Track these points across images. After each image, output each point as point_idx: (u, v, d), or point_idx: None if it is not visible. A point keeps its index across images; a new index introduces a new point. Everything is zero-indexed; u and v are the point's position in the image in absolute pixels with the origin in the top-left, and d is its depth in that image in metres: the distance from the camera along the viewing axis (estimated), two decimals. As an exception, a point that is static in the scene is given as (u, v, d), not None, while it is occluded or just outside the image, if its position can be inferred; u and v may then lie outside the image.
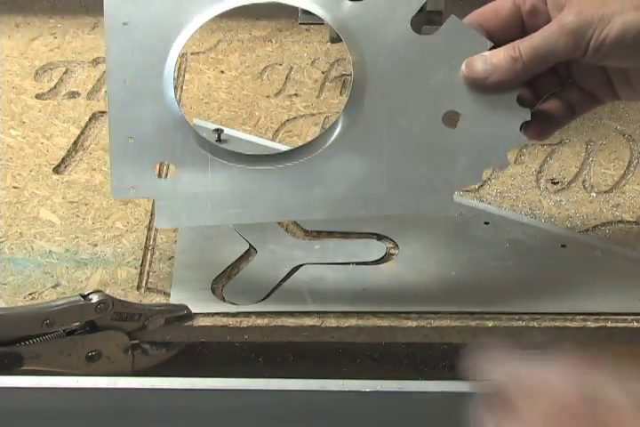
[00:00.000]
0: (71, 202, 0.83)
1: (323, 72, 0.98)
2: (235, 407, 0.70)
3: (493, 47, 0.67)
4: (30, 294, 0.74)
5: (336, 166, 0.70)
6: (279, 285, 0.74)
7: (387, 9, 0.67)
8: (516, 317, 0.72)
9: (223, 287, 0.74)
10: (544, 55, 0.65)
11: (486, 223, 0.80)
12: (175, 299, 0.73)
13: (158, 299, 0.74)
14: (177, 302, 0.72)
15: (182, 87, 0.96)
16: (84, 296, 0.68)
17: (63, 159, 0.87)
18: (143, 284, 0.75)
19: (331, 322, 0.72)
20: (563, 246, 0.78)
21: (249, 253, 0.77)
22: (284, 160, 0.71)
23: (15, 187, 0.84)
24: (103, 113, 0.92)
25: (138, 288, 0.75)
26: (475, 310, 0.72)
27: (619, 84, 0.69)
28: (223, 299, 0.73)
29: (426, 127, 0.69)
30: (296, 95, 0.95)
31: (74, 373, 0.69)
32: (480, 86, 0.67)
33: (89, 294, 0.68)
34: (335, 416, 0.70)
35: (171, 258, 0.77)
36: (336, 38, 1.01)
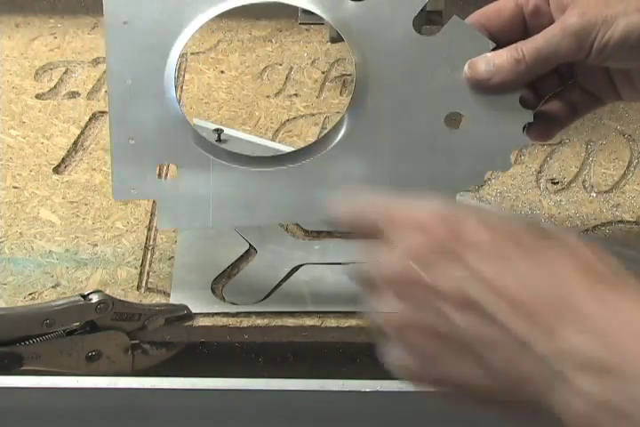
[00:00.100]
0: (71, 202, 0.83)
1: (323, 72, 0.98)
2: (235, 407, 0.70)
3: (496, 48, 0.67)
4: (30, 294, 0.74)
5: (338, 168, 0.70)
6: (279, 285, 0.74)
7: (388, 9, 0.67)
8: (516, 317, 0.72)
9: (223, 287, 0.74)
10: (547, 57, 0.65)
11: (486, 223, 0.80)
12: (175, 299, 0.73)
13: (158, 299, 0.74)
14: (177, 302, 0.72)
15: (182, 87, 0.95)
16: (84, 296, 0.68)
17: (63, 159, 0.87)
18: (143, 284, 0.75)
19: (331, 322, 0.72)
20: (563, 246, 0.78)
21: (249, 253, 0.77)
22: (286, 162, 0.70)
23: (15, 187, 0.84)
24: (103, 113, 0.92)
25: (138, 288, 0.75)
26: (475, 310, 0.72)
27: (621, 84, 0.69)
28: (223, 299, 0.73)
29: (428, 128, 0.69)
30: (296, 95, 0.95)
31: (74, 373, 0.69)
32: (482, 87, 0.67)
33: (89, 294, 0.68)
34: (335, 416, 0.70)
35: (171, 258, 0.77)
36: (336, 38, 1.01)
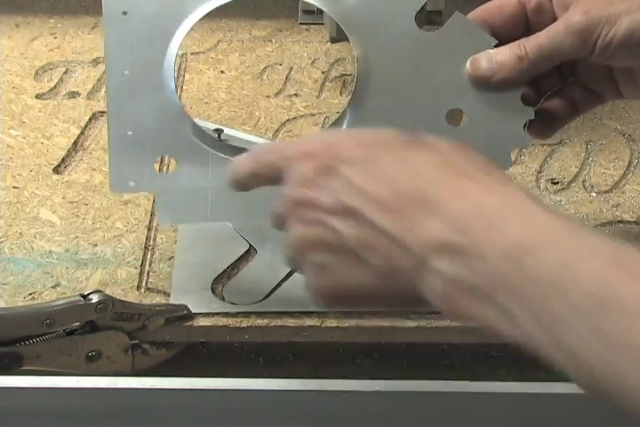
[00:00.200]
0: (71, 202, 0.83)
1: (323, 72, 0.98)
2: (235, 407, 0.70)
3: (497, 45, 0.67)
4: (30, 294, 0.74)
5: None
6: (279, 285, 0.74)
7: (390, 3, 0.67)
8: (516, 317, 0.72)
9: (223, 287, 0.74)
10: (550, 54, 0.65)
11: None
12: (175, 299, 0.73)
13: (158, 299, 0.73)
14: (177, 302, 0.72)
15: (182, 87, 0.95)
16: (84, 296, 0.68)
17: (63, 159, 0.87)
18: (143, 284, 0.75)
19: (331, 322, 0.72)
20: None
21: (249, 253, 0.77)
22: None
23: (15, 187, 0.84)
24: (103, 113, 0.92)
25: (138, 288, 0.75)
26: (475, 310, 0.72)
27: (623, 82, 0.69)
28: (223, 299, 0.73)
29: (429, 125, 0.68)
30: (296, 95, 0.95)
31: (74, 373, 0.69)
32: (484, 84, 0.67)
33: (89, 294, 0.68)
34: (335, 416, 0.70)
35: (171, 258, 0.77)
36: (336, 38, 1.02)
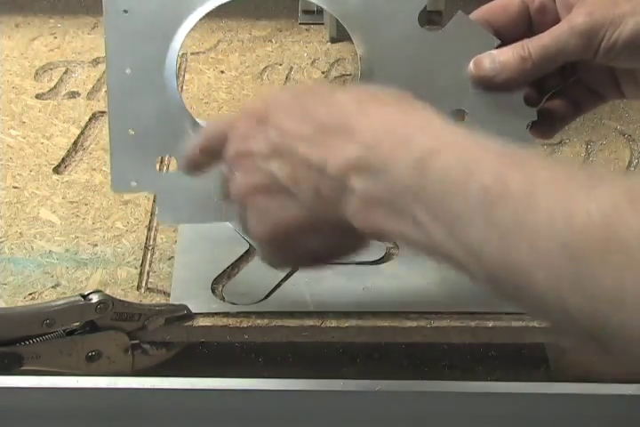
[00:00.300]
0: (71, 202, 0.83)
1: (323, 72, 0.98)
2: (235, 407, 0.70)
3: (500, 45, 0.67)
4: (30, 294, 0.74)
5: None
6: (279, 285, 0.74)
7: (394, 3, 0.67)
8: (516, 317, 0.72)
9: (223, 287, 0.74)
10: (554, 55, 0.65)
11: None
12: (175, 299, 0.73)
13: (158, 299, 0.73)
14: (177, 302, 0.72)
15: (182, 87, 0.95)
16: (84, 296, 0.68)
17: (63, 159, 0.87)
18: (143, 284, 0.75)
19: (331, 322, 0.72)
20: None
21: (249, 253, 0.77)
22: None
23: (15, 187, 0.84)
24: (103, 113, 0.92)
25: (138, 288, 0.75)
26: (475, 310, 0.72)
27: (625, 82, 0.68)
28: (223, 299, 0.73)
29: None
30: (296, 95, 0.95)
31: (74, 373, 0.69)
32: (487, 85, 0.67)
33: (89, 294, 0.68)
34: (335, 416, 0.70)
35: (171, 258, 0.77)
36: (336, 38, 1.02)
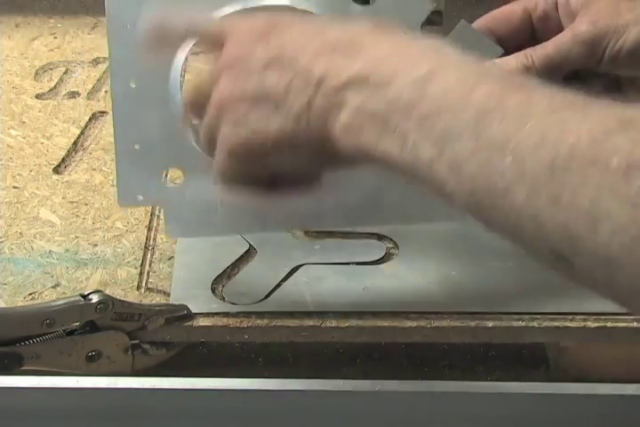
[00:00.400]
0: (71, 202, 0.83)
1: (323, 72, 0.98)
2: (235, 407, 0.70)
3: (503, 53, 0.66)
4: (30, 294, 0.74)
5: (348, 174, 0.69)
6: (279, 285, 0.74)
7: (395, 13, 0.67)
8: (516, 317, 0.72)
9: (223, 287, 0.74)
10: (558, 64, 0.64)
11: (486, 223, 0.80)
12: (175, 299, 0.73)
13: (158, 299, 0.73)
14: (177, 302, 0.72)
15: (182, 87, 0.95)
16: (84, 296, 0.68)
17: (63, 159, 0.87)
18: (143, 284, 0.75)
19: (331, 322, 0.72)
20: (563, 246, 0.78)
21: (249, 253, 0.77)
22: None
23: (15, 187, 0.84)
24: (103, 113, 0.92)
25: (138, 288, 0.75)
26: (475, 310, 0.72)
27: (627, 86, 0.69)
28: (223, 299, 0.73)
29: None
30: (296, 95, 0.95)
31: (74, 373, 0.69)
32: None
33: (89, 294, 0.68)
34: (335, 416, 0.70)
35: (171, 258, 0.77)
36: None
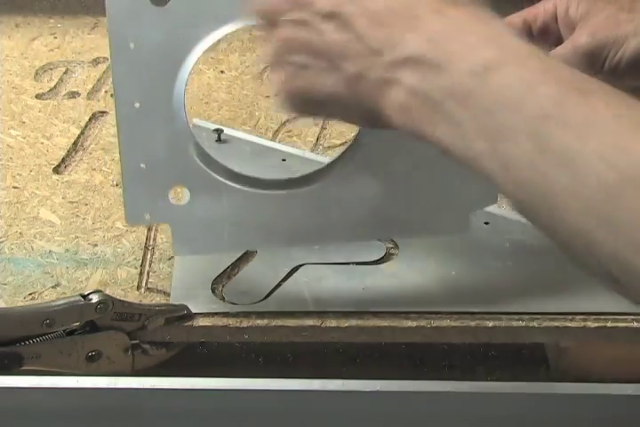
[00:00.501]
0: (71, 202, 0.83)
1: (323, 72, 0.98)
2: (235, 407, 0.70)
3: None
4: (30, 294, 0.74)
5: (352, 190, 0.69)
6: (279, 285, 0.74)
7: None
8: (516, 317, 0.72)
9: (223, 287, 0.74)
10: None
11: (486, 223, 0.80)
12: (175, 299, 0.73)
13: (158, 299, 0.73)
14: (177, 302, 0.72)
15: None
16: (84, 296, 0.68)
17: (63, 159, 0.87)
18: (143, 284, 0.75)
19: (331, 322, 0.72)
20: (563, 246, 0.78)
21: (249, 253, 0.77)
22: (300, 184, 0.70)
23: (15, 187, 0.84)
24: (103, 113, 0.92)
25: (138, 288, 0.75)
26: (475, 310, 0.72)
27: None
28: (223, 299, 0.73)
29: None
30: (296, 95, 0.95)
31: (74, 373, 0.69)
32: None
33: (89, 294, 0.68)
34: (335, 416, 0.70)
35: (171, 258, 0.77)
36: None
